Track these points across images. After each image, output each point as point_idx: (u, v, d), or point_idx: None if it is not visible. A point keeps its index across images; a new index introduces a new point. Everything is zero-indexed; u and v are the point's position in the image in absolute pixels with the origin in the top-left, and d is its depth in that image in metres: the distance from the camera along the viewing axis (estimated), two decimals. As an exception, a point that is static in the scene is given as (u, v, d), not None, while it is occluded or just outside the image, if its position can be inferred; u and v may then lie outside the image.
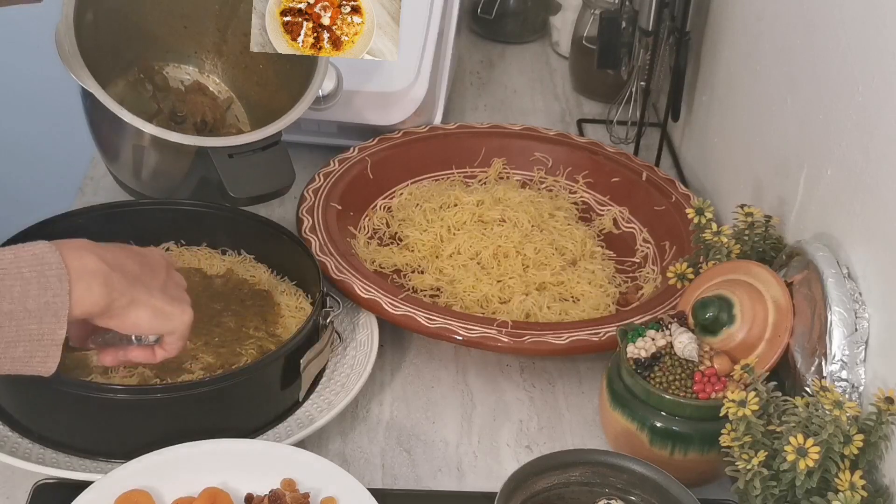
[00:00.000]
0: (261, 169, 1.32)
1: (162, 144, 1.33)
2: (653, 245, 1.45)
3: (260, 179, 1.32)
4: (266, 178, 1.33)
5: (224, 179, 1.30)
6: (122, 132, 1.35)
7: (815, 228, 1.22)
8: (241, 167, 1.31)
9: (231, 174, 1.30)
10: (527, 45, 2.01)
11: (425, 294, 1.36)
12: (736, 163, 1.48)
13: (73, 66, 1.31)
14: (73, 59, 1.31)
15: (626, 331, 1.16)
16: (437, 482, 1.18)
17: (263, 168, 1.32)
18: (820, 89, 1.22)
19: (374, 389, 1.28)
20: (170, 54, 1.53)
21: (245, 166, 1.31)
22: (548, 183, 1.56)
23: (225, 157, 1.31)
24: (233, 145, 1.32)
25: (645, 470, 1.06)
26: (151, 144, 1.34)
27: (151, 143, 1.34)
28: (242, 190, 1.31)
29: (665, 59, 1.60)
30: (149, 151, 1.35)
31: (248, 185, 1.31)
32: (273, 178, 1.33)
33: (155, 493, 1.06)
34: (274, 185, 1.33)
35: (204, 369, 1.19)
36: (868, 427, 1.03)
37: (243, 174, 1.31)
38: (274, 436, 1.17)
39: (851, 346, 1.08)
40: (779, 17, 1.35)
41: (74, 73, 1.31)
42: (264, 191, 1.33)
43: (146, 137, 1.33)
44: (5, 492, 1.12)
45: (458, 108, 1.80)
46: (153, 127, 1.32)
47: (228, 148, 1.31)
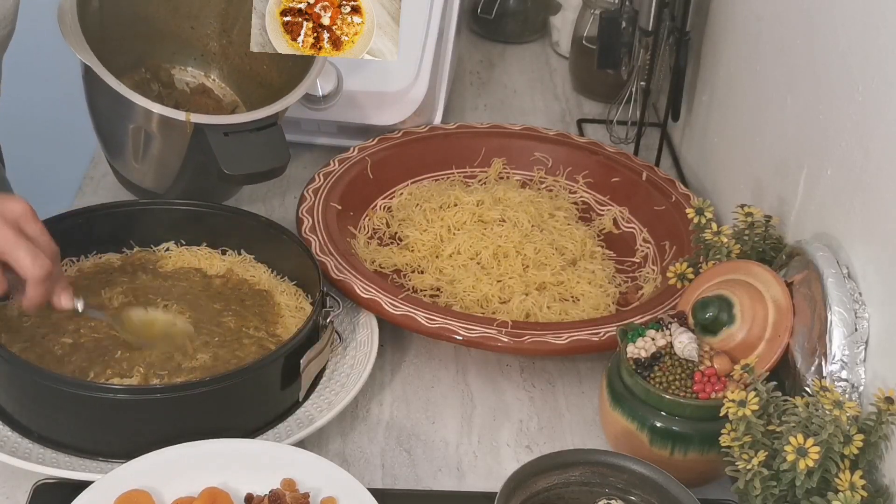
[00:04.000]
0: (256, 148, 1.32)
1: (159, 127, 1.33)
2: (653, 245, 1.45)
3: (254, 158, 1.32)
4: (260, 158, 1.32)
5: (218, 156, 1.29)
6: (121, 113, 1.35)
7: (815, 228, 1.22)
8: (236, 145, 1.31)
9: (226, 152, 1.30)
10: (527, 45, 2.01)
11: (425, 294, 1.36)
12: (736, 163, 1.48)
13: (74, 42, 1.31)
14: (75, 35, 1.31)
15: (626, 331, 1.16)
16: (437, 482, 1.18)
17: (258, 147, 1.32)
18: (820, 89, 1.22)
19: (374, 389, 1.28)
20: (176, 56, 1.53)
21: (240, 145, 1.31)
22: (548, 183, 1.56)
23: (220, 135, 1.30)
24: (228, 123, 1.32)
25: (645, 470, 1.06)
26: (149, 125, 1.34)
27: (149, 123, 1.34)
28: (236, 167, 1.30)
29: (665, 59, 1.60)
30: (147, 134, 1.35)
31: (242, 163, 1.31)
32: (267, 158, 1.32)
33: (155, 493, 1.06)
34: (268, 163, 1.33)
35: (203, 369, 1.19)
36: (868, 427, 1.03)
37: (238, 152, 1.31)
38: (274, 436, 1.17)
39: (851, 346, 1.08)
40: (779, 17, 1.35)
41: (75, 49, 1.31)
42: (258, 169, 1.32)
43: (144, 119, 1.33)
44: (5, 492, 1.12)
45: (458, 108, 1.80)
46: (149, 102, 1.32)
47: (224, 126, 1.31)
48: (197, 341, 1.22)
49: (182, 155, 1.33)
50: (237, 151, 1.31)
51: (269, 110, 1.34)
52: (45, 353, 1.19)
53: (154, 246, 1.35)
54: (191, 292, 1.29)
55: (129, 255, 1.34)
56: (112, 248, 1.34)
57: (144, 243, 1.35)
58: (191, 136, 1.30)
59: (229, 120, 1.33)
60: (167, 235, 1.36)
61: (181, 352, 1.20)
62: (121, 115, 1.35)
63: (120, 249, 1.35)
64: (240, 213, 1.35)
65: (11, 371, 1.13)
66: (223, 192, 1.48)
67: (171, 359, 1.19)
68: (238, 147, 1.31)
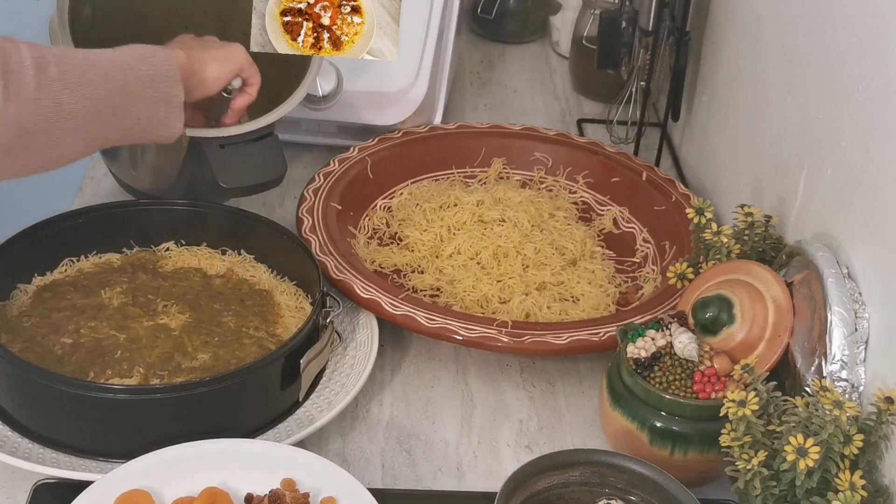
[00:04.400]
0: (252, 160, 1.31)
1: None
2: (653, 245, 1.45)
3: (251, 170, 1.31)
4: (258, 169, 1.32)
5: (215, 170, 1.29)
6: None
7: (815, 228, 1.22)
8: (233, 158, 1.30)
9: (222, 165, 1.30)
10: (527, 45, 2.01)
11: (425, 294, 1.36)
12: (736, 163, 1.48)
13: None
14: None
15: (626, 331, 1.16)
16: (437, 482, 1.18)
17: (255, 159, 1.32)
18: (820, 89, 1.22)
19: (374, 389, 1.28)
20: None
21: (236, 157, 1.30)
22: (548, 183, 1.56)
23: (216, 148, 1.30)
24: (224, 136, 1.31)
25: (645, 470, 1.06)
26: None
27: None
28: (234, 180, 1.30)
29: (665, 59, 1.60)
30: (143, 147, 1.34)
31: (239, 176, 1.31)
32: (264, 169, 1.32)
33: (155, 493, 1.06)
34: (265, 175, 1.32)
35: (203, 369, 1.19)
36: (868, 427, 1.03)
37: (235, 165, 1.30)
38: (274, 436, 1.17)
39: (851, 346, 1.08)
40: (779, 17, 1.35)
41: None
42: (255, 181, 1.32)
43: None
44: (5, 492, 1.12)
45: (458, 108, 1.80)
46: None
47: (220, 139, 1.31)
48: (197, 341, 1.22)
49: (178, 165, 1.33)
50: (234, 164, 1.30)
51: (264, 120, 1.33)
52: (45, 353, 1.19)
53: (154, 246, 1.35)
54: (191, 292, 1.29)
55: (129, 255, 1.34)
56: (112, 248, 1.34)
57: (144, 243, 1.35)
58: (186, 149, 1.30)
59: (225, 132, 1.32)
60: (167, 235, 1.36)
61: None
62: None
63: (120, 249, 1.35)
64: (240, 213, 1.35)
65: (11, 371, 1.13)
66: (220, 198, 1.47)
67: (171, 359, 1.19)
68: (235, 159, 1.30)
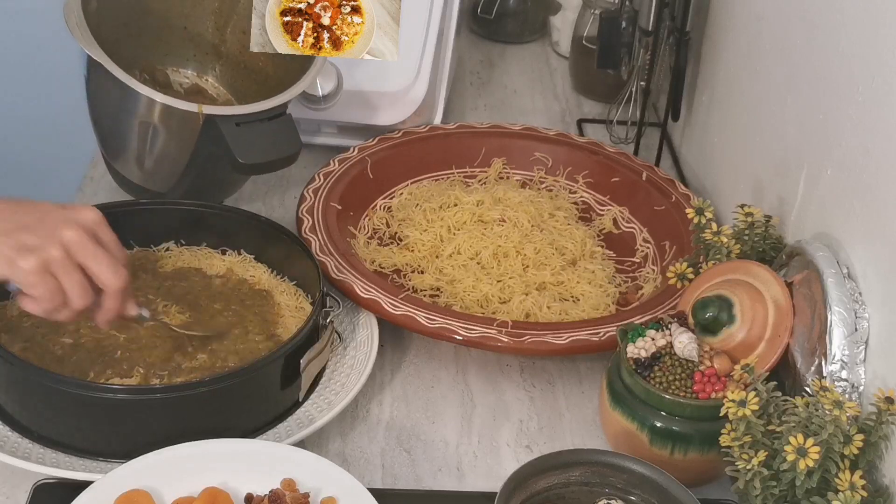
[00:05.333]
0: (268, 137, 1.34)
1: (168, 121, 1.34)
2: (653, 245, 1.45)
3: (267, 147, 1.34)
4: (273, 146, 1.34)
5: (232, 146, 1.31)
6: (128, 109, 1.35)
7: (815, 228, 1.22)
8: (249, 135, 1.33)
9: (238, 141, 1.32)
10: (527, 45, 2.01)
11: (425, 294, 1.36)
12: (736, 163, 1.48)
13: (82, 38, 1.32)
14: (82, 31, 1.32)
15: (626, 331, 1.16)
16: (437, 482, 1.18)
17: (270, 136, 1.34)
18: (820, 89, 1.22)
19: (374, 389, 1.28)
20: (168, 57, 1.53)
21: (252, 134, 1.33)
22: (548, 183, 1.56)
23: (232, 126, 1.32)
24: (240, 114, 1.34)
25: (645, 470, 1.06)
26: (158, 120, 1.34)
27: (158, 117, 1.34)
28: (250, 156, 1.32)
29: (665, 59, 1.60)
30: (154, 129, 1.35)
31: (255, 152, 1.33)
32: (280, 146, 1.35)
33: (155, 493, 1.06)
34: (281, 152, 1.35)
35: (203, 369, 1.19)
36: (868, 427, 1.03)
37: (251, 141, 1.33)
38: (274, 436, 1.17)
39: (851, 346, 1.08)
40: (779, 17, 1.35)
41: (84, 44, 1.32)
42: (272, 157, 1.34)
43: (152, 113, 1.33)
44: (5, 492, 1.12)
45: (458, 108, 1.80)
46: (163, 95, 1.33)
47: (236, 117, 1.33)
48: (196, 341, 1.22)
49: (190, 149, 1.34)
50: (250, 141, 1.32)
51: (278, 100, 1.36)
52: (45, 353, 1.19)
53: (154, 246, 1.35)
54: (191, 292, 1.29)
55: (129, 254, 1.34)
56: (112, 247, 1.34)
57: (144, 243, 1.35)
58: (200, 129, 1.31)
59: (241, 110, 1.35)
60: (167, 235, 1.36)
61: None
62: (127, 111, 1.35)
63: (120, 249, 1.35)
64: (240, 213, 1.35)
65: (11, 371, 1.13)
66: (224, 191, 1.48)
67: (171, 359, 1.19)
68: (251, 136, 1.33)
